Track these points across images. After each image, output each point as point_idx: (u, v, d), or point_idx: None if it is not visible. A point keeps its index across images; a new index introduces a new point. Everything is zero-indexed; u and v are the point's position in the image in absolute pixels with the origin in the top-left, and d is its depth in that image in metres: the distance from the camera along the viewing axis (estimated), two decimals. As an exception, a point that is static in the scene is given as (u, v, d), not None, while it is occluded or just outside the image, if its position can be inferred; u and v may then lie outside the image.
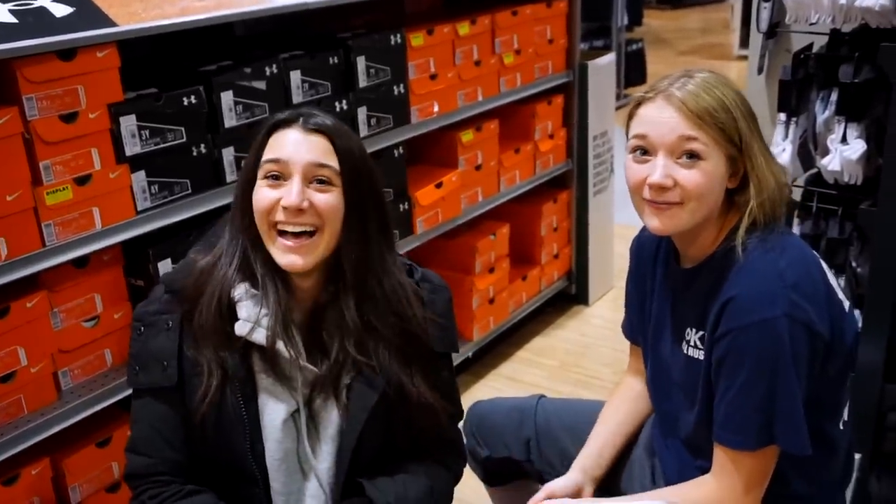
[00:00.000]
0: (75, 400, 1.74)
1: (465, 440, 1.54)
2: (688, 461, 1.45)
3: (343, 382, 1.32)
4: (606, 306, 3.45)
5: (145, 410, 1.32)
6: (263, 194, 1.27)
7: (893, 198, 1.85)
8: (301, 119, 1.29)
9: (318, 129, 1.28)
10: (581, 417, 1.67)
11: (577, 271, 3.42)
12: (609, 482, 1.56)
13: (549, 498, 1.47)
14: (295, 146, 1.27)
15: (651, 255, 1.53)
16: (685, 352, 1.43)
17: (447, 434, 1.45)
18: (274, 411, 1.30)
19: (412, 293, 1.37)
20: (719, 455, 1.35)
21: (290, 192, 1.24)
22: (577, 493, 1.50)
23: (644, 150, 1.35)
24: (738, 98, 1.35)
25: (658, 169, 1.31)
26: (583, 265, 3.41)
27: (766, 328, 1.27)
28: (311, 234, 1.27)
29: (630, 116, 1.39)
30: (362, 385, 1.32)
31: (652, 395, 1.56)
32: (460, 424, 1.53)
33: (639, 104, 1.37)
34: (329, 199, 1.27)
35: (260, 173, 1.28)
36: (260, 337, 1.28)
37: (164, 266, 1.86)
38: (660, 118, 1.32)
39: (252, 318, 1.28)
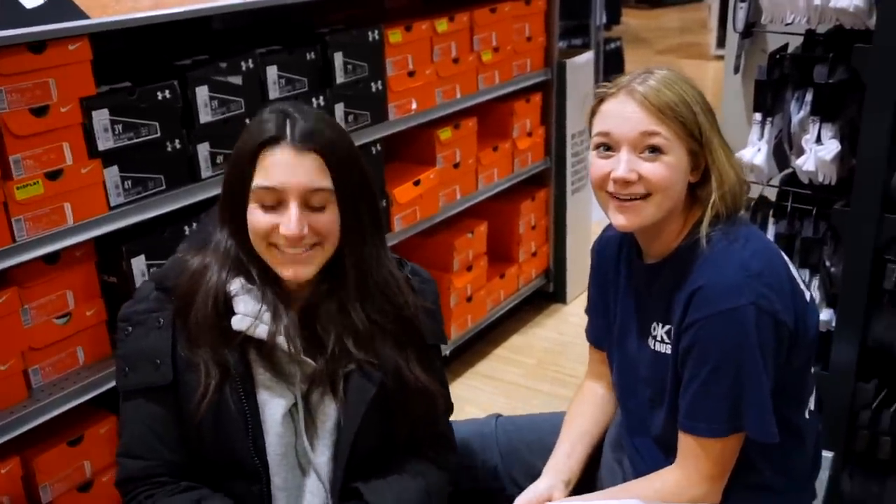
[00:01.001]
0: (46, 398, 1.72)
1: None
2: (660, 459, 1.45)
3: (340, 376, 1.31)
4: (584, 304, 3.43)
5: (138, 412, 1.30)
6: (259, 218, 1.24)
7: (866, 198, 1.87)
8: (288, 132, 1.23)
9: (308, 146, 1.23)
10: (543, 431, 1.65)
11: (555, 269, 3.43)
12: (582, 489, 1.55)
13: None
14: (286, 171, 1.22)
15: (614, 254, 1.54)
16: (652, 347, 1.43)
17: (440, 427, 1.45)
18: (274, 406, 1.29)
19: (403, 282, 1.37)
20: (685, 443, 1.36)
21: (290, 223, 1.22)
22: (548, 499, 1.49)
23: (607, 147, 1.36)
24: (698, 94, 1.36)
25: (622, 163, 1.33)
26: (561, 263, 3.42)
27: (733, 317, 1.28)
28: (311, 246, 1.26)
29: (592, 113, 1.40)
30: (360, 378, 1.31)
31: (618, 393, 1.56)
32: None
33: (601, 101, 1.38)
34: (328, 219, 1.25)
35: (252, 197, 1.25)
36: (261, 332, 1.27)
37: (138, 262, 1.84)
38: (623, 113, 1.34)
39: (252, 313, 1.27)
